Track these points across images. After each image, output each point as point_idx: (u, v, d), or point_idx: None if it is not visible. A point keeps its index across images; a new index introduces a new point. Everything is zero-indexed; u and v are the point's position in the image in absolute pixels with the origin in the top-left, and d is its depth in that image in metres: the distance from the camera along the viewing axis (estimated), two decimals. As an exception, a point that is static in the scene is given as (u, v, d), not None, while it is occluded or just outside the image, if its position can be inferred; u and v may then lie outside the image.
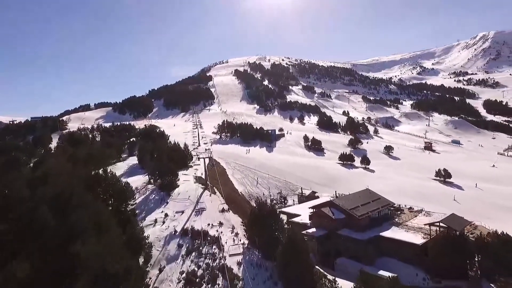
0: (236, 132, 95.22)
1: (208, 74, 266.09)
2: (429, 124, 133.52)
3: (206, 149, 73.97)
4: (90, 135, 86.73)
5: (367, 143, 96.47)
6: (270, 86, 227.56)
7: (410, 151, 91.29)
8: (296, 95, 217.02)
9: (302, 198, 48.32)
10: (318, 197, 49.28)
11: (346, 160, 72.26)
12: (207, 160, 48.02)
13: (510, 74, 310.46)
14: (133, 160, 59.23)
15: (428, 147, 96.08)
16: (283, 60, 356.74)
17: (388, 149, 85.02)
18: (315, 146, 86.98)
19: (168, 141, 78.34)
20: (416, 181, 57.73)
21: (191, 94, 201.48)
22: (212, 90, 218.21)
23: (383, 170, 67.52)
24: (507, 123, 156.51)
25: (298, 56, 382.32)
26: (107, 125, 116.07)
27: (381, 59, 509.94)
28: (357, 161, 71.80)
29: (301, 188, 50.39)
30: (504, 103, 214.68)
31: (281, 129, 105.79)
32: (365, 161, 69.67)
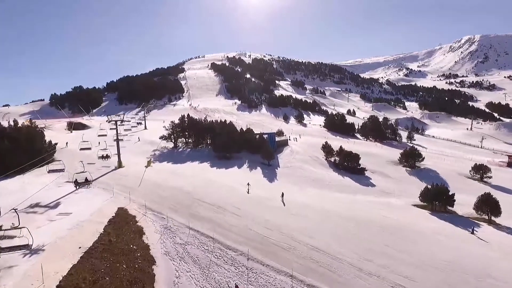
0: (205, 138, 54.24)
1: (181, 68, 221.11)
2: (471, 128, 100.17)
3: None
4: None
5: (421, 157, 59.12)
6: (253, 79, 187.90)
7: (498, 172, 55.15)
8: (285, 90, 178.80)
9: None
10: None
11: (435, 199, 33.83)
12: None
13: (505, 77, 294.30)
14: None
15: (514, 163, 60.83)
16: (264, 56, 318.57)
17: (481, 172, 47.43)
18: (347, 164, 48.16)
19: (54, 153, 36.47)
20: None
21: (155, 87, 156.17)
22: (183, 82, 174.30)
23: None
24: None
25: (280, 55, 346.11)
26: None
27: (364, 61, 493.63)
28: (462, 203, 33.65)
29: None
30: (511, 106, 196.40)
31: (280, 132, 65.64)
32: (486, 206, 31.62)
